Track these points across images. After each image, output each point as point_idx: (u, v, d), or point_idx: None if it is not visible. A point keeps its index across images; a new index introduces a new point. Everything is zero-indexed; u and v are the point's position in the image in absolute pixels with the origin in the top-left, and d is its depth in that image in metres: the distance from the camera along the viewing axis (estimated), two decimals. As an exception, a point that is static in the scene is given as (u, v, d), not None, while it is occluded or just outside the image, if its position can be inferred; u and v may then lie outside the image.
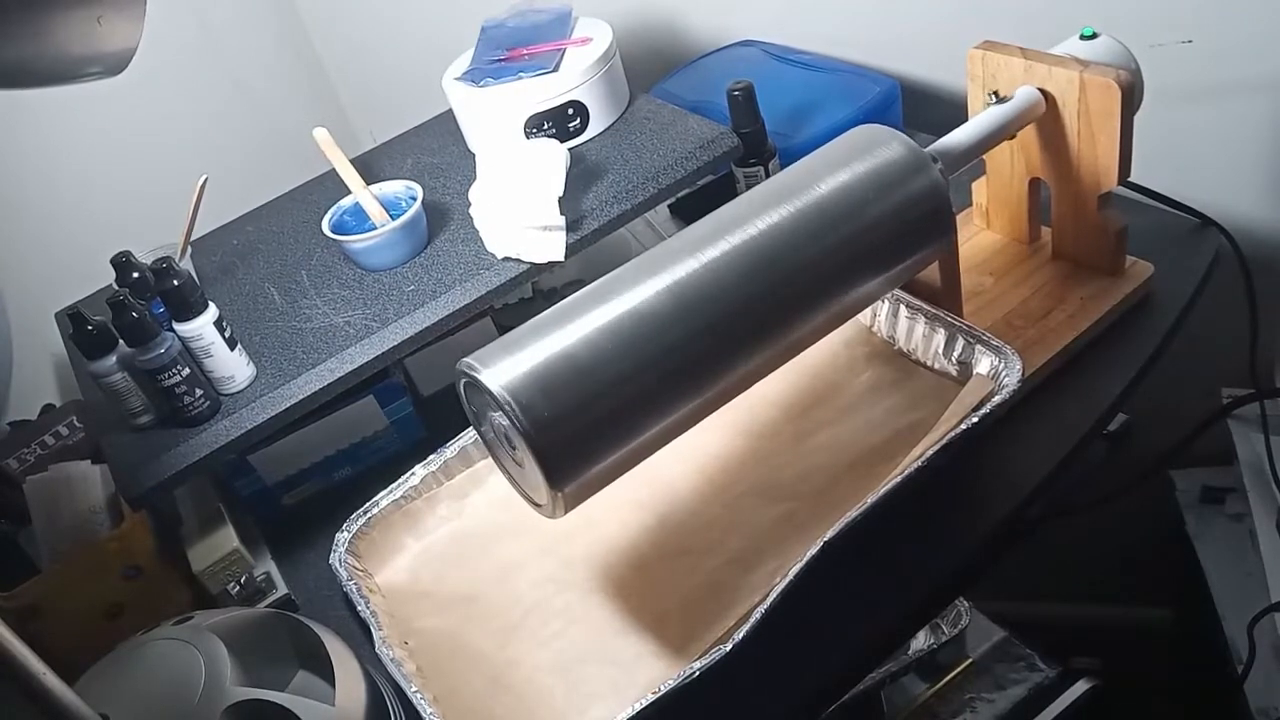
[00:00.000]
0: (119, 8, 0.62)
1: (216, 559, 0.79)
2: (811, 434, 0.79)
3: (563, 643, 0.71)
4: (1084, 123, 0.76)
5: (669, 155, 0.92)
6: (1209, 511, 1.07)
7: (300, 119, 1.37)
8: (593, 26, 1.02)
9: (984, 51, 0.80)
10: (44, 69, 0.62)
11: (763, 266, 0.65)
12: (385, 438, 0.91)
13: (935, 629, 1.14)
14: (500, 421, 0.61)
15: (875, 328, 0.85)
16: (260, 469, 0.86)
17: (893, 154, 0.69)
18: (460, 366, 0.62)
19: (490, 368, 0.60)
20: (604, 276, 0.66)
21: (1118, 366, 0.79)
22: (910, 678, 1.13)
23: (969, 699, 1.11)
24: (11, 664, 0.47)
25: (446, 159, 1.04)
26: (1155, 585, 1.21)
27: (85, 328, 0.76)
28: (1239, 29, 0.87)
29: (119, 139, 1.27)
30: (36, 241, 1.18)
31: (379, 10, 1.45)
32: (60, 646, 0.64)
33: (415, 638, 0.74)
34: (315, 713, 0.59)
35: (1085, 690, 1.09)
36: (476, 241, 0.89)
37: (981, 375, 0.75)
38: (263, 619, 0.67)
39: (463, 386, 0.64)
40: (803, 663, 0.67)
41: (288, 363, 0.83)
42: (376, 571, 0.80)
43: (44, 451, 0.93)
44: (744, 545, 0.73)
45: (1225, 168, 0.95)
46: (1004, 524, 0.72)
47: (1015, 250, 0.90)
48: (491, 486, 0.82)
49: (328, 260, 0.94)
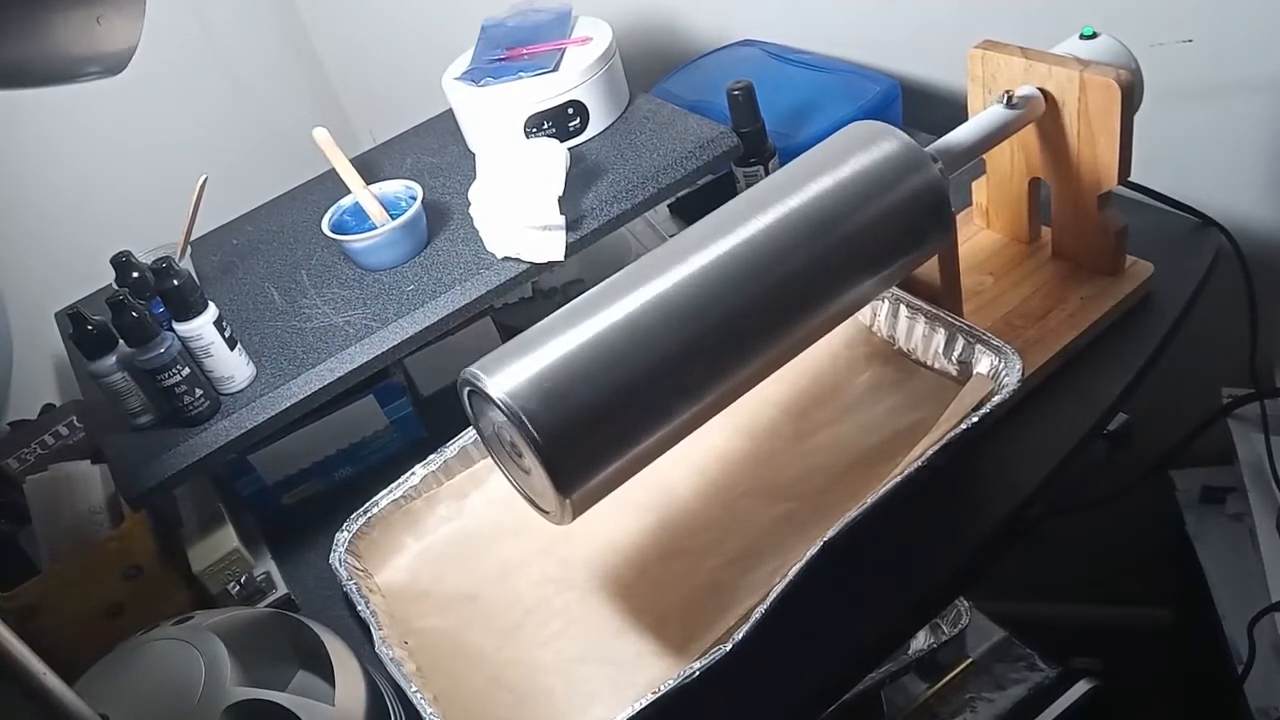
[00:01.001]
0: (119, 8, 0.62)
1: (216, 559, 0.79)
2: (811, 434, 0.79)
3: (563, 643, 0.71)
4: (1084, 122, 0.76)
5: (669, 155, 0.92)
6: (1209, 511, 1.07)
7: (300, 119, 1.37)
8: (593, 26, 1.02)
9: (984, 51, 0.80)
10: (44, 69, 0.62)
11: (763, 268, 0.65)
12: (385, 438, 0.91)
13: (935, 629, 1.14)
14: (507, 431, 0.61)
15: (875, 327, 0.85)
16: (260, 469, 0.86)
17: (889, 150, 0.69)
18: (464, 375, 0.62)
19: (494, 376, 0.60)
20: (605, 281, 0.66)
21: (1118, 366, 0.79)
22: (910, 678, 1.13)
23: (969, 699, 1.11)
24: (11, 664, 0.47)
25: (446, 159, 1.04)
26: (1155, 585, 1.21)
27: (85, 328, 0.76)
28: (1239, 29, 0.87)
29: (119, 139, 1.27)
30: (36, 241, 1.18)
31: (379, 10, 1.46)
32: (60, 646, 0.64)
33: (415, 638, 0.74)
34: (315, 713, 0.59)
35: (1085, 690, 1.09)
36: (476, 241, 0.89)
37: (981, 375, 0.75)
38: (263, 619, 0.67)
39: (466, 394, 0.64)
40: (803, 663, 0.67)
41: (288, 363, 0.83)
42: (376, 571, 0.80)
43: (44, 451, 0.93)
44: (744, 545, 0.73)
45: (1225, 168, 0.95)
46: (1004, 524, 0.72)
47: (1015, 250, 0.90)
48: (491, 486, 0.82)
49: (328, 260, 0.94)
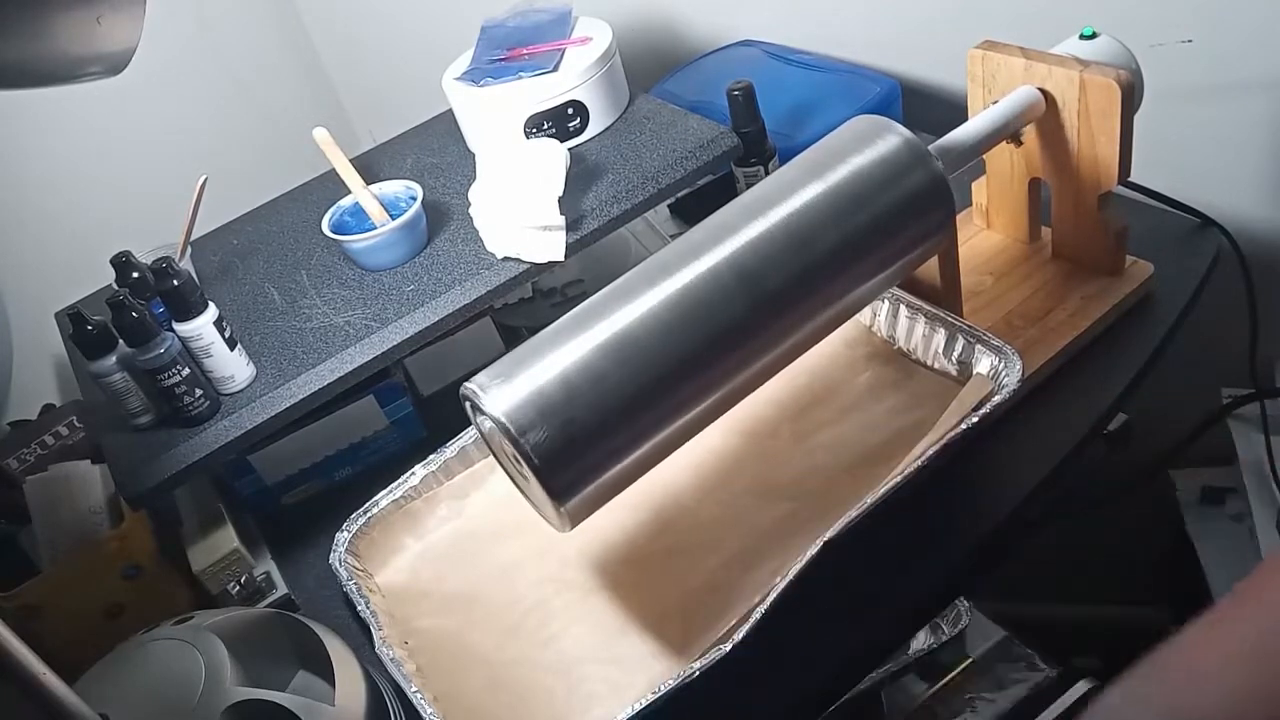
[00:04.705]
0: (119, 8, 0.62)
1: (216, 559, 0.79)
2: (811, 434, 0.79)
3: (563, 643, 0.71)
4: (1084, 123, 0.76)
5: (669, 155, 0.92)
6: (1209, 511, 1.07)
7: (300, 119, 1.37)
8: (593, 26, 1.02)
9: (984, 51, 0.80)
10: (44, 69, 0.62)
11: (763, 271, 0.65)
12: (385, 438, 0.91)
13: (935, 629, 1.14)
14: (506, 445, 0.61)
15: (875, 327, 0.85)
16: (260, 469, 0.86)
17: (891, 147, 0.69)
18: (464, 391, 0.63)
19: (490, 394, 0.61)
20: (606, 288, 0.66)
21: (1118, 366, 0.79)
22: (910, 678, 1.13)
23: (969, 699, 1.11)
24: (11, 664, 0.47)
25: (446, 159, 1.04)
26: (1155, 585, 1.20)
27: (85, 328, 0.76)
28: (1239, 29, 0.87)
29: (119, 139, 1.27)
30: (36, 241, 1.18)
31: (379, 10, 1.46)
32: (60, 646, 0.64)
33: (415, 638, 0.74)
34: (315, 713, 0.59)
35: (1085, 690, 1.09)
36: (476, 241, 0.89)
37: (981, 375, 0.75)
38: (263, 619, 0.67)
39: (469, 407, 0.65)
40: (803, 663, 0.67)
41: (288, 363, 0.83)
42: (376, 571, 0.80)
43: (44, 451, 0.93)
44: (744, 545, 0.73)
45: (1225, 168, 0.95)
46: (1004, 524, 0.72)
47: (1015, 250, 0.90)
48: (491, 486, 0.82)
49: (328, 260, 0.94)
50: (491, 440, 0.66)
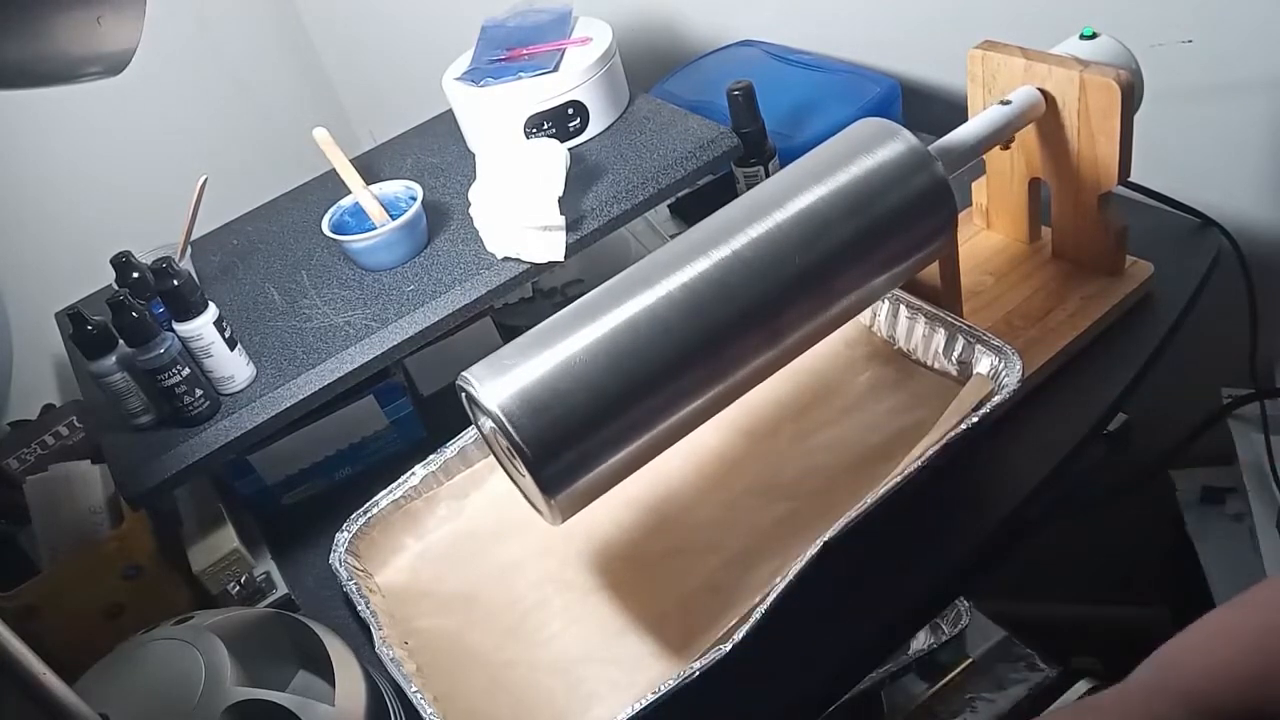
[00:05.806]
0: (119, 8, 0.62)
1: (216, 559, 0.79)
2: (811, 434, 0.79)
3: (563, 643, 0.71)
4: (1084, 123, 0.76)
5: (669, 155, 0.92)
6: (1209, 511, 1.07)
7: (300, 119, 1.37)
8: (593, 26, 1.02)
9: (984, 51, 0.80)
10: (44, 69, 0.62)
11: (763, 271, 0.65)
12: (385, 438, 0.91)
13: (935, 629, 1.14)
14: (500, 436, 0.61)
15: (875, 328, 0.85)
16: (260, 469, 0.86)
17: (895, 152, 0.69)
18: (459, 382, 0.63)
19: (486, 385, 0.61)
20: (605, 284, 0.66)
21: (1118, 366, 0.79)
22: (910, 678, 1.13)
23: (969, 699, 1.11)
24: (11, 664, 0.47)
25: (446, 159, 1.04)
26: (1155, 585, 1.20)
27: (85, 328, 0.76)
28: (1239, 29, 0.87)
29: (119, 139, 1.27)
30: (36, 241, 1.18)
31: (379, 10, 1.46)
32: (60, 646, 0.64)
33: (415, 638, 0.74)
34: (315, 713, 0.59)
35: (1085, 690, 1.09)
36: (476, 241, 0.89)
37: (981, 375, 0.75)
38: (263, 619, 0.67)
39: (465, 398, 0.65)
40: (803, 663, 0.67)
41: (288, 363, 0.83)
42: (376, 571, 0.80)
43: (44, 451, 0.94)
44: (744, 545, 0.73)
45: (1225, 168, 0.95)
46: (1004, 524, 0.72)
47: (1015, 250, 0.90)
48: (491, 486, 0.82)
49: (328, 260, 0.94)
50: (489, 437, 0.66)
